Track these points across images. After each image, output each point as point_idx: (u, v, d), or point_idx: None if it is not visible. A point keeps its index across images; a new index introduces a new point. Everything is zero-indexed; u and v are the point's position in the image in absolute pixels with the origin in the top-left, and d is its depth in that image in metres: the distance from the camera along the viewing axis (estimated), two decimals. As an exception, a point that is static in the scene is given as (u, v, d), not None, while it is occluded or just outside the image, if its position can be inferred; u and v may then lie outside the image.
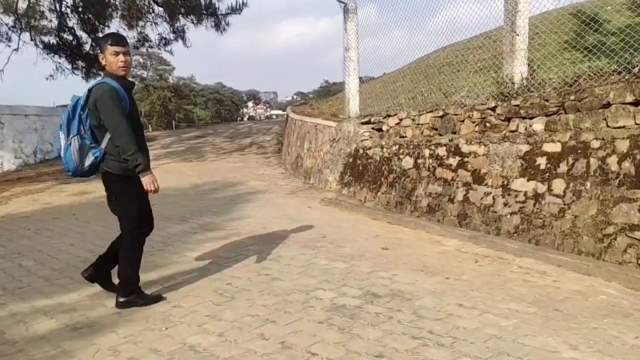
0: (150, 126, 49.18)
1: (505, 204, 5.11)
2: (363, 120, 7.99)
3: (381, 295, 3.40)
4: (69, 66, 19.64)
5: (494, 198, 5.25)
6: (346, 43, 8.49)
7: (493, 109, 5.60)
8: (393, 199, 6.70)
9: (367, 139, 7.77)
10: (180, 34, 18.46)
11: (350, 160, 8.05)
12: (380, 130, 7.67)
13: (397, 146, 6.97)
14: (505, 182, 5.17)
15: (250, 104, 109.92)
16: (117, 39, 3.40)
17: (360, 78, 8.94)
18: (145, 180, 3.30)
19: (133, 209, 3.49)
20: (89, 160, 3.39)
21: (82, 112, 3.36)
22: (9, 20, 18.18)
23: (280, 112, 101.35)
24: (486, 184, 5.39)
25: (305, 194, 8.22)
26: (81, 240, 5.46)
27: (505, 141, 5.29)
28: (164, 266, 4.34)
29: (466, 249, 4.57)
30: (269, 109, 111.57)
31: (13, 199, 8.82)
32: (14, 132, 13.01)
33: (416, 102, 7.99)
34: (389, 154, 7.12)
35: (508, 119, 5.45)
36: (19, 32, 18.37)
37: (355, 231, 5.44)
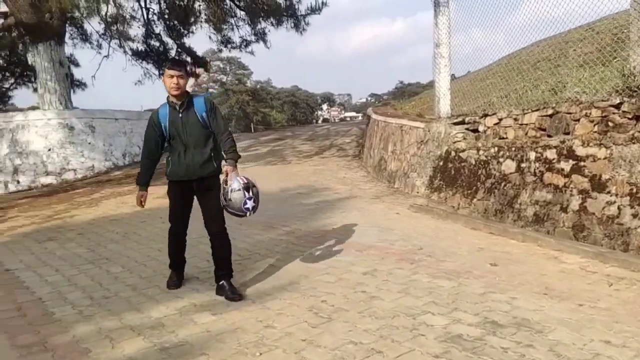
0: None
1: (635, 215, 4.40)
2: (456, 121, 7.42)
3: (504, 325, 2.90)
4: (156, 72, 20.39)
5: (619, 208, 4.55)
6: (436, 39, 7.95)
7: (617, 105, 4.87)
8: (492, 207, 6.10)
9: (460, 141, 7.19)
10: (261, 36, 18.60)
11: (441, 163, 7.50)
12: (475, 131, 7.07)
13: (496, 148, 6.36)
14: (635, 190, 4.46)
15: (324, 106, 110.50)
16: (172, 63, 3.93)
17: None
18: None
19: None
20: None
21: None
22: (99, 28, 19.04)
23: (354, 114, 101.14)
24: (609, 192, 4.69)
25: (390, 199, 7.77)
26: (168, 245, 5.35)
27: (634, 143, 4.57)
28: (253, 278, 4.06)
29: (593, 267, 3.94)
30: (343, 111, 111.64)
31: (103, 201, 9.05)
32: (104, 135, 13.54)
33: (510, 101, 7.31)
34: (486, 156, 6.51)
35: (637, 117, 4.71)
36: (108, 39, 19.28)
37: (454, 243, 4.93)
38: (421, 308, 3.20)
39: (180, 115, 3.73)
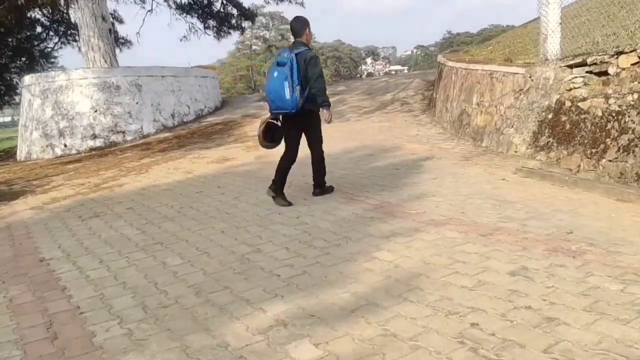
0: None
1: None
2: (572, 62, 5.99)
3: None
4: (201, 26, 19.36)
5: None
6: (543, -39, 6.43)
7: None
8: (631, 170, 4.78)
9: (579, 87, 5.80)
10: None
11: (550, 115, 6.15)
12: (603, 74, 5.64)
13: (635, 95, 4.97)
14: None
15: (368, 60, 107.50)
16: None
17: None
18: (328, 113, 4.83)
19: (320, 134, 5.01)
20: (301, 102, 4.59)
21: (298, 69, 4.54)
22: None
23: (399, 67, 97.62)
24: None
25: (483, 160, 6.51)
26: (233, 225, 4.36)
27: None
28: (352, 277, 3.00)
29: None
30: (387, 65, 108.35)
31: (153, 166, 8.20)
32: (151, 94, 12.69)
33: (621, 40, 5.84)
34: (619, 106, 5.14)
35: None
36: (152, -8, 18.28)
37: (611, 222, 3.69)
38: None
39: None
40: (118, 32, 20.22)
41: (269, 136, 4.92)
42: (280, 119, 4.86)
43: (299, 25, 4.79)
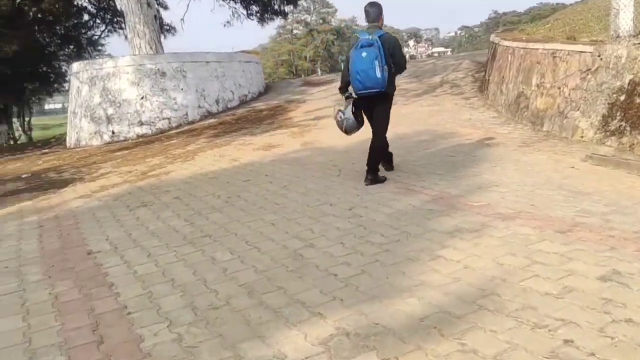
0: (319, 70, 49.14)
1: None
2: (650, 39, 5.44)
3: None
4: (244, 12, 19.21)
5: None
6: None
7: None
8: None
9: (657, 67, 5.27)
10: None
11: (622, 97, 5.63)
12: (688, 51, 5.09)
13: None
14: None
15: (411, 42, 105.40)
16: None
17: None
18: None
19: (389, 120, 5.11)
20: (385, 82, 4.63)
21: (384, 50, 4.58)
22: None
23: (442, 49, 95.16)
24: None
25: (546, 146, 6.05)
26: (283, 217, 4.15)
27: None
28: (417, 279, 2.73)
29: None
30: (430, 47, 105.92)
31: (199, 153, 8.11)
32: (196, 80, 12.64)
33: None
34: None
35: None
36: (195, -22, 18.22)
37: None
38: None
39: None
40: (163, 19, 20.37)
41: (357, 120, 5.04)
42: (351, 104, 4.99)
43: (376, 10, 4.85)
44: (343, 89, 5.12)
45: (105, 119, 12.02)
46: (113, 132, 12.00)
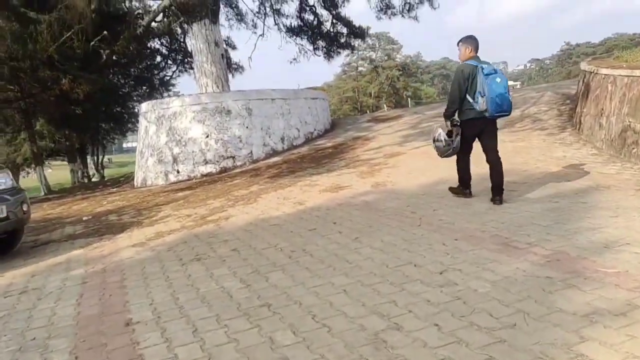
0: (384, 106, 48.76)
1: None
2: None
3: None
4: (311, 47, 19.08)
5: None
6: None
7: None
8: None
9: None
10: (427, -6, 16.09)
11: None
12: None
13: None
14: None
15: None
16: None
17: None
18: None
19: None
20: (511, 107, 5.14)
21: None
22: (254, 6, 18.16)
23: (512, 82, 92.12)
24: None
25: (672, 190, 4.98)
26: (357, 280, 3.40)
27: None
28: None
29: None
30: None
31: (262, 195, 7.56)
32: (261, 118, 12.32)
33: None
34: None
35: None
36: (263, 17, 18.34)
37: None
38: None
39: None
40: (231, 59, 20.65)
41: (451, 140, 5.37)
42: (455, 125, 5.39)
43: (478, 42, 5.43)
44: (450, 116, 5.37)
45: (171, 158, 11.88)
46: (178, 172, 11.81)
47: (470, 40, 5.37)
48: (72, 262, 5.00)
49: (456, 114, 5.31)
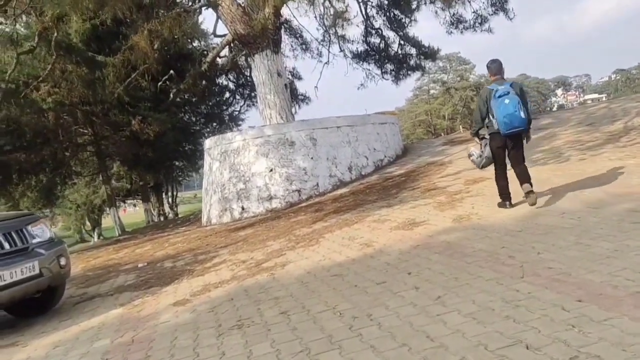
0: (460, 127, 46.95)
1: None
2: None
3: None
4: (378, 71, 18.28)
5: None
6: None
7: None
8: None
9: None
10: (500, 4, 14.86)
11: None
12: None
13: None
14: None
15: (558, 91, 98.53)
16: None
17: None
18: (530, 134, 5.91)
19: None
20: (526, 121, 5.53)
21: (520, 95, 5.53)
22: (318, 34, 17.77)
23: (596, 95, 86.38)
24: None
25: None
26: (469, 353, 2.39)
27: None
28: None
29: None
30: (582, 94, 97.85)
31: (325, 234, 6.67)
32: (327, 147, 11.55)
33: None
34: None
35: None
36: (328, 45, 17.81)
37: None
38: None
39: None
40: (297, 89, 20.25)
41: (482, 152, 5.99)
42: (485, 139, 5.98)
43: (498, 65, 5.83)
44: (475, 134, 6.08)
45: (235, 195, 11.35)
46: (243, 208, 11.22)
47: (491, 65, 5.85)
48: (104, 327, 4.33)
49: (483, 130, 5.93)
